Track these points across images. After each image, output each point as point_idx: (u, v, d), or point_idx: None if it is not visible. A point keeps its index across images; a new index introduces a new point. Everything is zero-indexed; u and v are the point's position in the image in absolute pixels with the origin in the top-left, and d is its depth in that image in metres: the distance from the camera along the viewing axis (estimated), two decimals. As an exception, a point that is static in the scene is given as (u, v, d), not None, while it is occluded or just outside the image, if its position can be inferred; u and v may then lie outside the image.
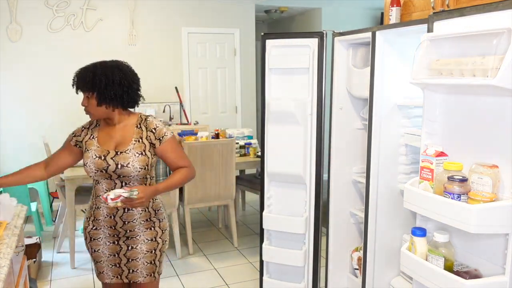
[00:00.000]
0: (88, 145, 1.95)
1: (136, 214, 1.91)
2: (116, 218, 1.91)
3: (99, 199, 1.93)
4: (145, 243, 1.93)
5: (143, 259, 1.94)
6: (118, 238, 1.93)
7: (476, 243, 1.60)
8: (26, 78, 4.85)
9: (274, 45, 2.60)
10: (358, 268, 2.63)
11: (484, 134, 1.54)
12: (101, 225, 1.94)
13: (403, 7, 2.31)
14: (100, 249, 1.97)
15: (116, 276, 1.98)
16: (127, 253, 1.93)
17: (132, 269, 1.95)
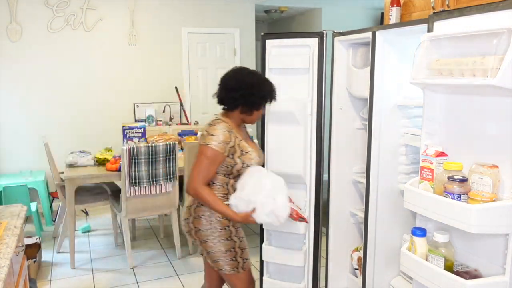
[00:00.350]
0: (243, 147, 2.06)
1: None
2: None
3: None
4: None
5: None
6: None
7: (476, 243, 1.60)
8: (26, 78, 4.85)
9: (274, 45, 2.60)
10: (358, 268, 2.63)
11: (484, 134, 1.54)
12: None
13: (403, 7, 2.31)
14: (244, 236, 2.15)
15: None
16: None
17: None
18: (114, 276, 3.38)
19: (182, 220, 2.18)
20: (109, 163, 3.55)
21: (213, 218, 2.05)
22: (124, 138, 4.01)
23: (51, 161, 3.76)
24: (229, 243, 2.07)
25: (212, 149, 1.95)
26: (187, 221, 2.12)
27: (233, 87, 2.03)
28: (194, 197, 2.03)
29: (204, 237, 2.07)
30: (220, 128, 1.99)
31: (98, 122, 5.20)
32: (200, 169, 1.97)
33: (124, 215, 3.46)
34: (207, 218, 2.05)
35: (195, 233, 2.09)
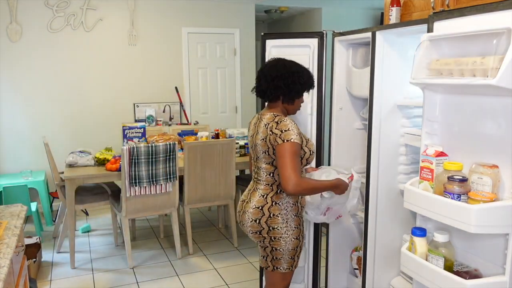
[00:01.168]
0: (303, 135, 2.09)
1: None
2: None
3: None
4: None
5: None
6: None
7: (476, 243, 1.60)
8: (26, 78, 4.85)
9: (274, 45, 2.60)
10: (358, 268, 2.63)
11: (484, 134, 1.54)
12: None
13: (403, 7, 2.31)
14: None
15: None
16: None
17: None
18: (114, 276, 3.38)
19: (248, 221, 2.09)
20: (109, 163, 3.55)
21: (289, 216, 2.06)
22: (124, 138, 4.01)
23: (51, 161, 3.76)
24: (296, 242, 2.09)
25: (295, 142, 1.94)
26: (258, 221, 2.06)
27: (276, 75, 2.03)
28: (300, 193, 2.00)
29: (278, 235, 2.05)
30: (287, 121, 1.99)
31: (98, 122, 5.20)
32: (292, 166, 1.92)
33: (124, 215, 3.46)
34: (284, 216, 2.05)
35: (268, 232, 2.06)
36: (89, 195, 3.70)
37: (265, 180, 2.09)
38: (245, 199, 2.16)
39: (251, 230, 2.10)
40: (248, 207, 2.11)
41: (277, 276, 2.13)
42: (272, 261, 2.10)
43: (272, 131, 1.98)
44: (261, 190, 2.09)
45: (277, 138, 1.95)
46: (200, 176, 3.67)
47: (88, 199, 3.67)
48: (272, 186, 2.08)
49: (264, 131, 2.02)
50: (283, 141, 1.94)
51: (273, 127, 1.98)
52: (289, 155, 1.93)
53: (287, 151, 1.93)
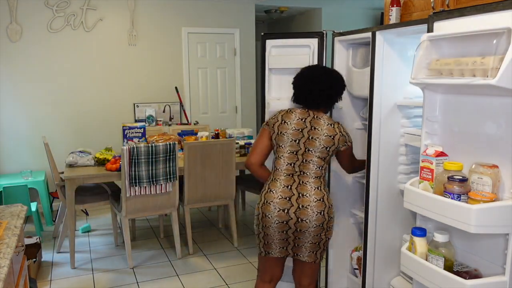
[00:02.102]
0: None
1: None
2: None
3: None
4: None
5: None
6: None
7: (476, 243, 1.60)
8: (26, 78, 4.85)
9: (274, 45, 2.60)
10: (358, 268, 2.63)
11: (484, 134, 1.54)
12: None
13: (403, 7, 2.31)
14: None
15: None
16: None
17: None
18: (114, 276, 3.38)
19: (313, 215, 2.09)
20: (109, 163, 3.55)
21: (329, 198, 2.21)
22: (124, 138, 4.01)
23: (51, 161, 3.76)
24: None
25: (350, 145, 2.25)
26: (322, 213, 2.12)
27: (328, 86, 2.20)
28: (357, 170, 2.39)
29: (332, 223, 2.20)
30: (344, 127, 2.24)
31: (98, 122, 5.20)
32: (354, 160, 2.33)
33: (124, 215, 3.46)
34: (326, 201, 2.17)
35: (327, 223, 2.16)
36: (89, 195, 3.70)
37: (314, 173, 2.16)
38: (290, 195, 2.12)
39: (316, 223, 2.11)
40: (306, 201, 2.10)
41: (315, 268, 2.26)
42: (322, 252, 2.22)
43: (341, 132, 2.18)
44: (312, 183, 2.15)
45: (346, 140, 2.20)
46: (200, 176, 3.67)
47: (88, 199, 3.67)
48: (321, 179, 2.18)
49: (331, 130, 2.16)
50: (350, 143, 2.23)
51: (341, 130, 2.19)
52: (352, 153, 2.28)
53: (351, 151, 2.26)
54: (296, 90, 2.23)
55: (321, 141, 2.13)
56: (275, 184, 2.16)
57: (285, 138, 2.16)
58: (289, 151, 2.16)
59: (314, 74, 2.20)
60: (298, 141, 2.15)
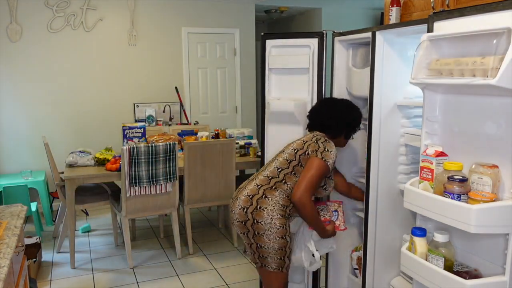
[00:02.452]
0: (333, 172, 2.26)
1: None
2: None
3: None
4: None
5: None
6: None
7: (476, 243, 1.60)
8: (26, 78, 4.85)
9: (274, 45, 2.60)
10: (358, 268, 2.63)
11: (484, 134, 1.54)
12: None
13: (403, 7, 2.31)
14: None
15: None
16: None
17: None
18: (114, 276, 3.38)
19: (237, 209, 2.10)
20: (109, 163, 3.55)
21: (274, 213, 2.05)
22: (124, 138, 4.01)
23: (51, 161, 3.76)
24: (283, 242, 2.07)
25: (328, 166, 2.07)
26: (245, 210, 2.07)
27: (343, 112, 2.24)
28: (297, 206, 2.03)
29: (261, 230, 2.05)
30: (334, 147, 2.14)
31: (98, 122, 5.20)
32: (311, 182, 2.03)
33: (124, 215, 3.46)
34: (269, 212, 2.05)
35: (252, 225, 2.05)
36: (89, 195, 3.70)
37: (270, 172, 2.14)
38: (242, 186, 2.20)
39: (238, 218, 2.11)
40: (241, 194, 2.14)
41: (267, 274, 2.14)
42: (260, 258, 2.12)
43: (317, 141, 2.11)
44: (258, 180, 2.14)
45: (317, 151, 2.06)
46: (200, 176, 3.67)
47: (88, 199, 3.67)
48: (270, 180, 2.11)
49: (309, 137, 2.16)
50: (322, 158, 2.05)
51: (320, 140, 2.12)
52: (317, 172, 2.03)
53: (318, 168, 2.04)
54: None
55: (294, 144, 2.18)
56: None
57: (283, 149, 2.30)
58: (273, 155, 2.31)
59: (318, 103, 2.38)
60: (283, 149, 2.26)
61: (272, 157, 2.31)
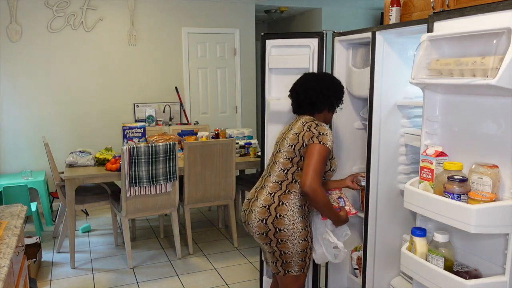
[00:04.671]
0: (332, 151, 2.13)
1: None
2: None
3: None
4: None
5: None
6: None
7: (476, 243, 1.60)
8: (26, 78, 4.85)
9: (274, 45, 2.60)
10: (358, 268, 2.63)
11: (484, 134, 1.54)
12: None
13: (403, 7, 2.31)
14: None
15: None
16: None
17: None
18: (114, 276, 3.38)
19: (254, 222, 2.05)
20: (109, 163, 3.55)
21: (295, 217, 2.01)
22: (124, 138, 4.01)
23: (51, 161, 3.76)
24: (305, 244, 2.04)
25: (328, 148, 1.99)
26: (265, 221, 2.01)
27: (325, 86, 2.12)
28: (309, 194, 1.93)
29: (285, 237, 2.00)
30: (326, 127, 2.06)
31: (98, 122, 5.20)
32: (317, 169, 1.94)
33: (124, 215, 3.46)
34: (290, 218, 2.00)
35: (274, 234, 2.00)
36: (89, 195, 3.70)
37: (277, 176, 2.08)
38: (252, 197, 2.13)
39: (258, 231, 2.04)
40: (255, 206, 2.07)
41: (289, 280, 2.09)
42: (283, 265, 2.06)
43: (309, 129, 2.03)
44: (269, 187, 2.08)
45: (313, 137, 1.99)
46: (200, 176, 3.66)
47: (88, 199, 3.67)
48: (281, 184, 2.06)
49: (300, 127, 2.06)
50: (319, 142, 1.97)
51: (312, 126, 2.03)
52: (319, 157, 1.96)
53: (319, 153, 1.96)
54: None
55: (288, 140, 2.08)
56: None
57: (276, 140, 2.22)
58: (271, 153, 2.21)
59: (298, 80, 2.20)
60: (277, 143, 2.18)
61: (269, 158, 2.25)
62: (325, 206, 2.00)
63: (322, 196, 1.95)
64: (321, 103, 2.11)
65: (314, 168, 1.94)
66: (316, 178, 1.92)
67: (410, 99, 2.21)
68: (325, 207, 2.00)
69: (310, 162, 1.95)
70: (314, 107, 2.12)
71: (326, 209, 2.02)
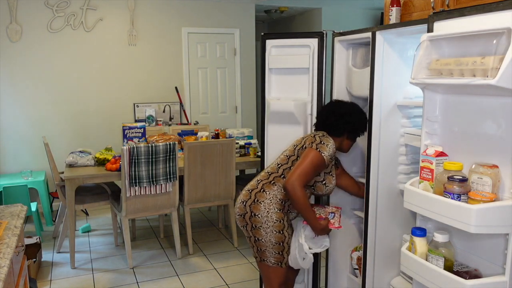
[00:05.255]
0: (332, 169, 2.28)
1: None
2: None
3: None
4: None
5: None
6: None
7: (476, 243, 1.60)
8: (26, 78, 4.85)
9: (274, 45, 2.60)
10: (358, 268, 2.63)
11: (484, 134, 1.54)
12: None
13: (403, 7, 2.31)
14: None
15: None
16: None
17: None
18: (114, 276, 3.38)
19: (238, 202, 2.21)
20: (109, 163, 3.55)
21: (271, 207, 2.11)
22: (124, 138, 4.01)
23: (51, 161, 3.76)
24: (280, 236, 2.13)
25: (323, 158, 2.09)
26: (245, 203, 2.16)
27: (347, 112, 2.23)
28: (288, 191, 2.03)
29: (258, 223, 2.11)
30: (332, 142, 2.16)
31: (98, 122, 5.20)
32: (305, 171, 2.05)
33: (124, 215, 3.46)
34: (266, 206, 2.12)
35: (249, 218, 2.13)
36: (89, 195, 3.70)
37: (271, 168, 2.24)
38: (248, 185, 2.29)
39: (238, 212, 2.19)
40: (243, 190, 2.25)
41: (266, 269, 2.19)
42: (258, 252, 2.18)
43: (314, 136, 2.17)
44: (260, 176, 2.24)
45: (314, 143, 2.11)
46: (200, 176, 3.67)
47: (88, 199, 3.67)
48: (270, 175, 2.20)
49: (310, 134, 2.24)
50: (316, 149, 2.08)
51: (318, 135, 2.17)
52: (311, 162, 2.06)
53: (312, 158, 2.07)
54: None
55: (295, 141, 2.26)
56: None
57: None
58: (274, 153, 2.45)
59: (331, 103, 2.37)
60: (288, 148, 2.33)
61: (276, 156, 2.39)
62: (302, 206, 2.06)
63: (300, 195, 2.02)
64: (339, 127, 2.22)
65: (302, 169, 2.04)
66: (300, 178, 2.02)
67: (410, 99, 2.21)
68: (302, 206, 2.07)
69: (301, 163, 2.07)
70: (333, 129, 2.23)
71: (303, 209, 2.07)
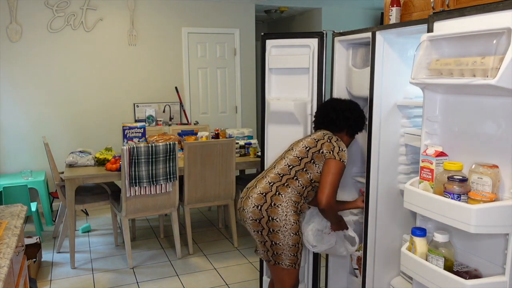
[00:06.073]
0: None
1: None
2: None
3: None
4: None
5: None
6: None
7: (476, 243, 1.60)
8: (26, 78, 4.85)
9: (274, 45, 2.60)
10: (358, 268, 2.63)
11: (484, 134, 1.54)
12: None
13: (403, 7, 2.31)
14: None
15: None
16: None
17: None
18: (114, 276, 3.38)
19: (250, 207, 2.11)
20: (109, 163, 3.55)
21: (288, 210, 2.09)
22: (124, 138, 4.01)
23: (51, 161, 3.76)
24: (296, 238, 2.11)
25: (344, 166, 2.14)
26: (260, 208, 2.08)
27: (347, 108, 2.26)
28: (327, 211, 2.11)
29: (276, 227, 2.07)
30: (345, 146, 2.21)
31: (98, 122, 5.20)
32: (334, 185, 2.09)
33: (124, 215, 3.46)
34: (284, 209, 2.08)
35: (266, 222, 2.07)
36: (89, 195, 3.70)
37: (281, 169, 2.17)
38: (251, 186, 2.21)
39: (252, 216, 2.10)
40: (252, 192, 2.14)
41: (280, 271, 2.15)
42: (274, 256, 2.13)
43: (330, 140, 2.15)
44: (270, 178, 2.16)
45: (333, 152, 2.11)
46: (200, 176, 3.66)
47: (88, 199, 3.67)
48: (282, 177, 2.14)
49: (320, 135, 2.19)
50: (339, 159, 2.10)
51: (333, 139, 2.16)
52: (337, 174, 2.10)
53: (338, 170, 2.10)
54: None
55: (305, 142, 2.20)
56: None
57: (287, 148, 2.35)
58: (275, 153, 2.40)
59: (331, 100, 2.39)
60: (291, 145, 2.30)
61: (277, 156, 2.34)
62: (337, 219, 2.23)
63: (336, 209, 2.20)
64: (340, 122, 2.24)
65: (332, 185, 2.08)
66: (333, 195, 2.08)
67: (410, 99, 2.21)
68: (337, 219, 2.24)
69: (328, 179, 2.08)
70: (333, 125, 2.25)
71: (337, 221, 2.27)
